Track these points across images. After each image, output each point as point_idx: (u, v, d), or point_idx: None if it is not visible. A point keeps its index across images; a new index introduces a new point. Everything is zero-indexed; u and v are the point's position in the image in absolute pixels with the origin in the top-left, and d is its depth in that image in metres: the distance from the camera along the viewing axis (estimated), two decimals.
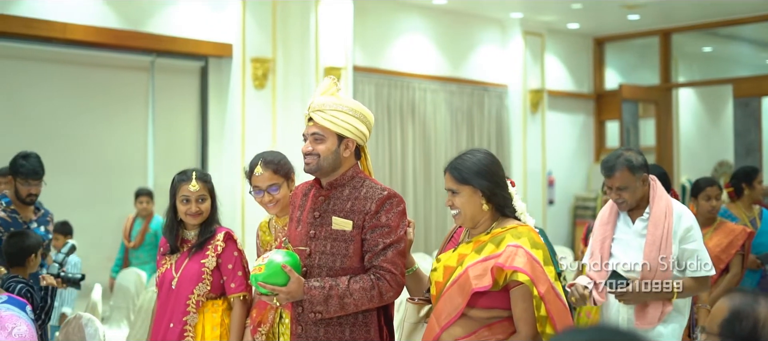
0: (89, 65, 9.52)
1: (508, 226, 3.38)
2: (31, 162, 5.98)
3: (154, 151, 9.79)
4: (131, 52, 9.58)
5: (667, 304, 4.37)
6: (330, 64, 10.27)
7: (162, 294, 4.53)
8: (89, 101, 9.46)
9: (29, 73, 9.16)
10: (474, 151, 3.49)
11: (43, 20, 8.80)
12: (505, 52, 13.14)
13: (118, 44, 9.35)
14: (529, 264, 3.24)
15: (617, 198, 4.48)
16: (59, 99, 9.29)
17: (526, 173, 13.05)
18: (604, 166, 4.52)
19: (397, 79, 11.78)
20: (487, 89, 12.90)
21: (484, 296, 3.31)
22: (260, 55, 10.04)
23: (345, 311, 3.47)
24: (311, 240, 3.58)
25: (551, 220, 13.38)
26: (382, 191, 3.53)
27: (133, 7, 9.47)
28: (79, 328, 5.12)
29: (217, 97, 10.20)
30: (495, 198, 3.40)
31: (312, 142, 3.55)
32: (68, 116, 9.31)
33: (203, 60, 10.17)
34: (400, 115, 11.81)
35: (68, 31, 8.96)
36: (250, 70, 10.00)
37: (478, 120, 12.80)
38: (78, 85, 9.43)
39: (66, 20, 8.95)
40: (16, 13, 8.68)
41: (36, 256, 5.30)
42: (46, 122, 9.16)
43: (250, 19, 10.00)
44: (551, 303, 3.24)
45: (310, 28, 10.23)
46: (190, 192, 4.46)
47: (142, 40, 9.48)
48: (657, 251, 4.33)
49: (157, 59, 9.79)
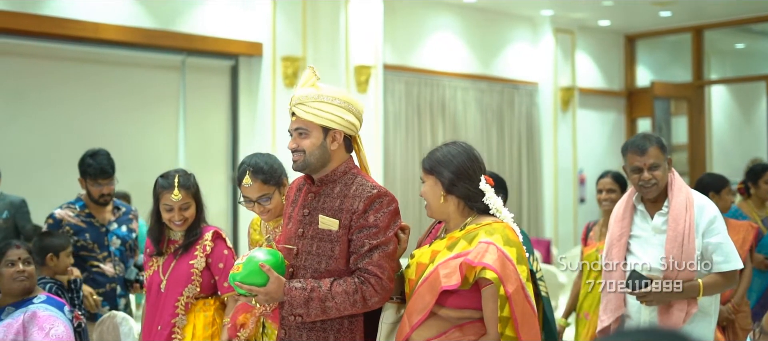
0: (120, 65, 9.56)
1: (483, 223, 3.23)
2: (98, 160, 5.65)
3: (185, 150, 9.80)
4: (162, 51, 9.60)
5: (692, 304, 4.05)
6: (360, 63, 10.26)
7: (151, 297, 4.43)
8: (120, 101, 9.48)
9: (61, 73, 9.20)
10: (451, 143, 3.35)
11: (74, 20, 8.84)
12: (536, 49, 13.06)
13: (149, 44, 9.37)
14: (500, 262, 3.08)
15: (649, 179, 4.12)
16: (90, 99, 9.32)
17: (557, 171, 12.98)
18: (634, 144, 4.18)
19: (427, 77, 11.74)
20: (517, 87, 12.84)
21: (454, 295, 3.16)
22: (290, 53, 10.03)
23: (327, 315, 3.26)
24: (299, 238, 3.40)
25: (582, 218, 13.28)
26: (371, 189, 3.31)
27: (164, 7, 9.50)
28: (113, 327, 5.11)
29: (248, 95, 10.20)
30: (455, 190, 3.24)
31: (296, 137, 3.38)
32: (99, 116, 9.33)
33: (234, 59, 10.18)
34: (430, 113, 11.77)
35: (100, 31, 9.00)
36: (281, 68, 10.00)
37: (509, 118, 12.74)
38: (109, 85, 9.47)
39: (98, 20, 8.99)
40: (48, 13, 8.72)
41: (56, 257, 5.04)
42: (77, 122, 9.20)
43: (281, 17, 9.99)
44: (517, 304, 3.07)
45: (340, 27, 10.22)
46: (172, 202, 4.33)
47: (173, 40, 9.50)
48: (679, 247, 4.03)
49: (188, 58, 9.80)
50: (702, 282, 4.02)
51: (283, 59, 9.99)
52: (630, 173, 4.22)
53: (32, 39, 8.84)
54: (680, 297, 4.02)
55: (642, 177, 4.15)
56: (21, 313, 4.24)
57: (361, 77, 10.28)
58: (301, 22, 10.13)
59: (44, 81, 9.10)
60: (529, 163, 12.93)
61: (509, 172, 12.66)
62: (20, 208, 7.56)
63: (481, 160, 3.30)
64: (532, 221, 12.92)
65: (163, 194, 4.35)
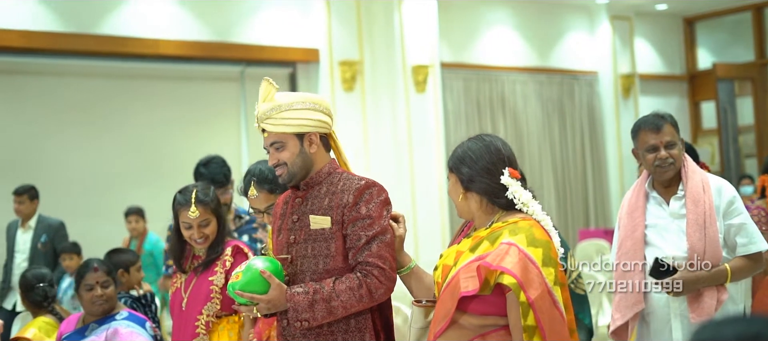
0: (181, 79, 9.65)
1: (510, 221, 2.99)
2: (211, 168, 5.52)
3: (249, 160, 9.85)
4: (221, 63, 9.69)
5: (722, 291, 3.77)
6: (417, 62, 10.23)
7: (174, 316, 4.23)
8: (182, 114, 9.58)
9: (123, 91, 9.34)
10: (474, 138, 3.14)
11: (134, 38, 8.97)
12: (593, 38, 12.92)
13: (207, 56, 9.47)
14: (521, 265, 2.82)
15: (666, 157, 3.85)
16: (153, 114, 9.44)
17: (621, 160, 12.81)
18: (648, 123, 3.92)
19: (485, 72, 11.68)
20: (576, 77, 12.71)
21: (476, 301, 2.91)
22: (347, 57, 10.05)
23: (334, 316, 3.15)
24: (291, 246, 3.28)
25: None
26: (359, 181, 3.23)
27: (221, 19, 9.58)
28: None
29: None
30: (473, 186, 3.04)
31: (274, 153, 3.26)
32: (162, 131, 9.44)
33: (292, 66, 10.23)
34: (490, 109, 11.71)
35: (159, 47, 9.11)
36: (339, 73, 10.02)
37: (570, 109, 12.62)
38: (171, 100, 9.57)
39: (156, 36, 9.10)
40: (109, 32, 8.85)
41: (127, 272, 5.02)
42: (140, 138, 9.32)
43: (336, 22, 10.01)
44: (543, 311, 2.80)
45: (395, 28, 10.19)
46: (190, 219, 4.09)
47: (231, 51, 9.58)
48: (702, 229, 3.77)
49: (247, 69, 9.87)
50: (729, 267, 3.77)
51: (340, 64, 10.01)
52: (644, 154, 3.93)
53: (93, 59, 9.00)
54: (708, 284, 3.75)
55: (659, 155, 3.87)
56: (104, 331, 4.30)
57: (419, 77, 10.25)
58: (356, 26, 10.14)
59: (107, 100, 9.24)
60: (592, 154, 12.79)
61: (573, 164, 12.55)
62: (58, 231, 7.74)
63: (506, 152, 3.08)
64: (598, 212, 12.78)
65: (181, 211, 4.12)
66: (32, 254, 7.71)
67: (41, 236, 7.72)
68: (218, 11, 9.59)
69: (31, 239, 7.75)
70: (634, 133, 4.00)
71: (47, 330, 4.80)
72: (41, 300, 5.00)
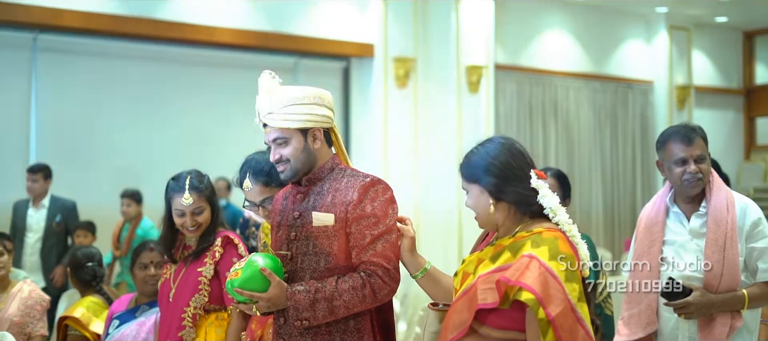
0: (234, 67, 9.66)
1: (535, 230, 2.82)
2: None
3: None
4: (275, 53, 9.69)
5: (736, 317, 3.55)
6: (471, 63, 10.16)
7: (162, 307, 4.08)
8: (235, 103, 9.59)
9: (177, 76, 9.39)
10: (487, 142, 2.93)
11: (190, 24, 9.00)
12: (650, 47, 12.77)
13: (262, 46, 9.48)
14: (541, 281, 2.66)
15: (696, 171, 3.61)
16: (205, 101, 9.48)
17: None
18: (679, 134, 3.68)
19: (539, 76, 11.59)
20: (631, 86, 12.57)
21: (495, 314, 2.76)
22: (402, 54, 10.01)
23: (335, 315, 3.05)
24: (292, 242, 3.17)
25: None
26: (364, 178, 3.13)
27: (278, 10, 9.59)
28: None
29: (360, 97, 10.22)
30: (505, 196, 2.84)
31: (276, 148, 3.17)
32: (214, 118, 9.47)
33: (346, 60, 10.22)
34: (542, 113, 11.61)
35: (214, 34, 9.14)
36: (392, 69, 9.98)
37: (622, 118, 12.49)
38: (223, 88, 9.59)
39: (212, 24, 9.13)
40: (165, 17, 8.90)
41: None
42: (193, 124, 9.37)
43: (392, 18, 9.98)
44: (565, 329, 2.64)
45: (451, 27, 10.14)
46: (183, 206, 3.94)
47: (285, 42, 9.58)
48: (721, 251, 3.54)
49: (301, 60, 9.87)
50: (747, 293, 3.54)
51: (394, 60, 9.97)
52: (671, 166, 3.69)
53: (150, 43, 9.04)
54: (723, 309, 3.54)
55: (688, 169, 3.63)
56: (154, 313, 4.33)
57: (473, 77, 10.18)
58: (412, 23, 10.10)
59: (161, 84, 9.29)
60: (643, 164, 12.64)
61: (622, 173, 12.42)
62: (72, 212, 7.73)
63: (526, 153, 2.91)
64: None
65: (174, 198, 3.98)
66: (46, 233, 7.68)
67: (56, 216, 7.68)
68: (275, 1, 9.60)
69: (45, 218, 7.69)
70: (661, 143, 3.76)
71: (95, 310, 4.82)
72: (90, 279, 5.03)
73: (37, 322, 5.08)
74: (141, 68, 9.22)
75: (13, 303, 5.07)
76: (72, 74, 8.87)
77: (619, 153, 12.47)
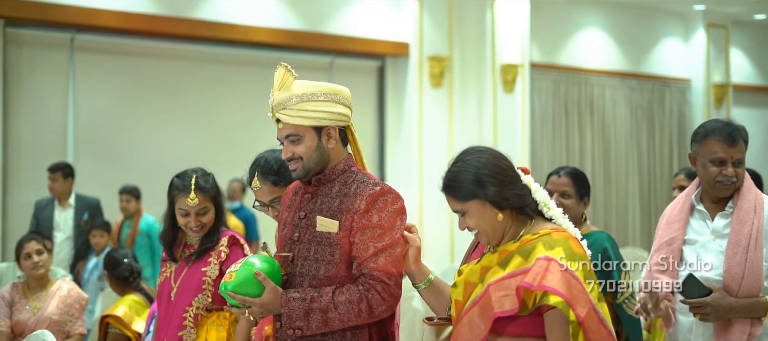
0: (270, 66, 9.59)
1: (542, 232, 2.74)
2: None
3: None
4: (311, 52, 9.71)
5: (756, 324, 3.32)
6: (506, 61, 10.12)
7: (161, 306, 3.99)
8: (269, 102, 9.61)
9: (213, 76, 9.43)
10: (465, 156, 2.81)
11: (226, 23, 9.04)
12: (688, 45, 12.63)
13: (297, 45, 9.50)
14: (564, 282, 2.60)
15: (732, 175, 3.40)
16: (241, 100, 9.50)
17: None
18: (722, 132, 3.44)
19: (575, 75, 11.51)
20: (668, 85, 12.45)
21: (512, 322, 2.68)
22: (437, 53, 9.99)
23: (329, 327, 2.93)
24: (294, 243, 3.06)
25: None
26: (374, 186, 2.98)
27: (313, 9, 9.60)
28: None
29: (395, 96, 10.21)
30: (508, 202, 2.75)
31: (288, 145, 3.05)
32: (250, 117, 9.48)
33: (381, 59, 10.21)
34: (578, 112, 11.53)
35: (250, 34, 9.17)
36: (427, 68, 9.96)
37: (659, 117, 12.38)
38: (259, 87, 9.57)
39: (248, 23, 9.16)
40: (201, 17, 8.95)
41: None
42: (227, 123, 9.40)
43: (427, 17, 9.96)
44: (592, 330, 2.58)
45: (486, 26, 10.10)
46: (188, 206, 3.87)
47: (321, 41, 9.60)
48: (743, 253, 3.32)
49: (336, 59, 9.87)
50: None
51: (429, 59, 9.95)
52: (707, 163, 3.46)
53: (186, 42, 9.09)
54: (742, 315, 3.31)
55: (724, 171, 3.41)
56: None
57: (508, 76, 10.13)
58: (447, 22, 10.07)
59: (197, 83, 9.35)
60: (680, 163, 12.50)
61: (659, 172, 12.31)
62: (97, 209, 7.71)
63: (505, 155, 2.84)
64: None
65: (178, 197, 3.92)
66: (76, 232, 7.62)
67: (83, 214, 7.64)
68: (310, 1, 9.61)
69: (72, 217, 7.63)
70: (701, 136, 3.49)
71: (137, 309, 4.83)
72: (128, 276, 5.04)
73: (76, 321, 5.13)
74: (177, 68, 9.27)
75: (52, 301, 5.12)
76: (109, 74, 8.94)
77: (656, 152, 12.36)
